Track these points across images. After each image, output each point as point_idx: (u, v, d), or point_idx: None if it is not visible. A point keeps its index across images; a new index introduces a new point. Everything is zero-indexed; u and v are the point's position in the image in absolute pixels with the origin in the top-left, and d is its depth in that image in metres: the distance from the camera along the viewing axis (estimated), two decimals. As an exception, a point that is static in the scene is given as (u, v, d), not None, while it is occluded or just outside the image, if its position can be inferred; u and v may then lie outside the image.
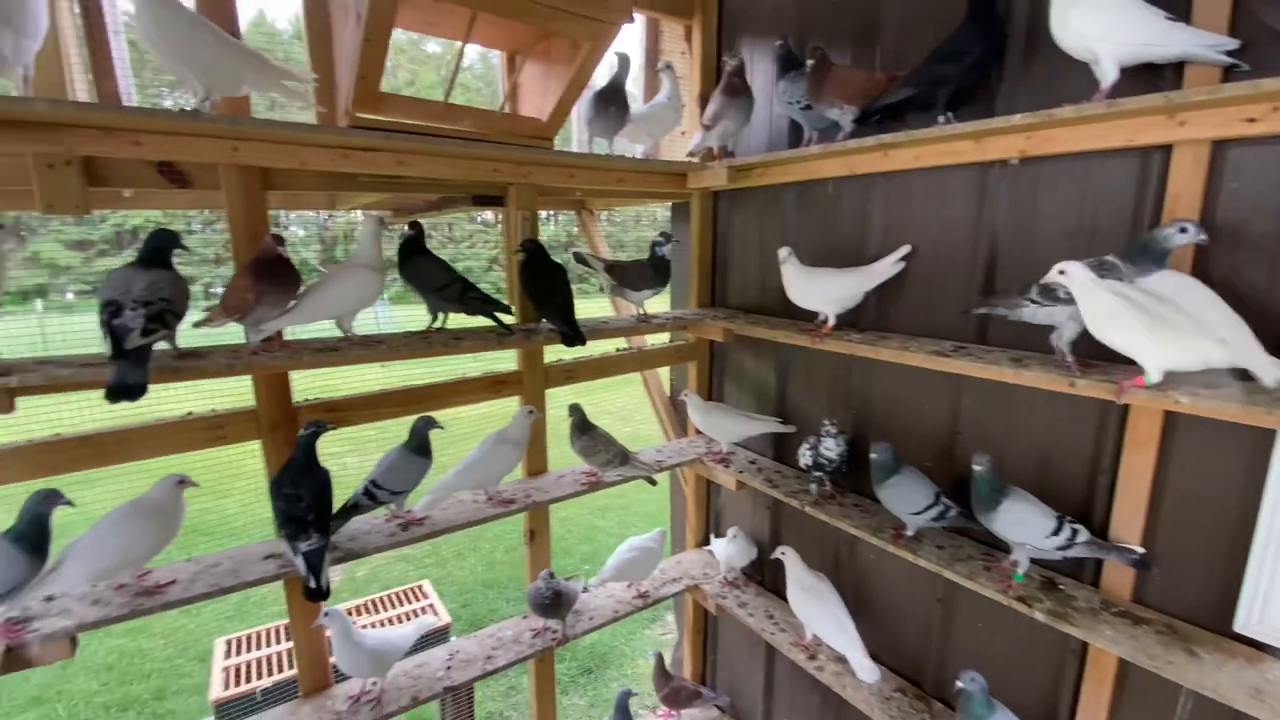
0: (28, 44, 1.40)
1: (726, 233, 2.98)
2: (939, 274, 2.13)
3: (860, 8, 2.29)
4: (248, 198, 1.89)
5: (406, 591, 4.61)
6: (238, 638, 3.93)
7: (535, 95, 2.11)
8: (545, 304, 2.28)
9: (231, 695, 3.41)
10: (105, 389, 1.48)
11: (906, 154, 2.05)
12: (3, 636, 1.60)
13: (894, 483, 2.03)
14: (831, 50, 2.36)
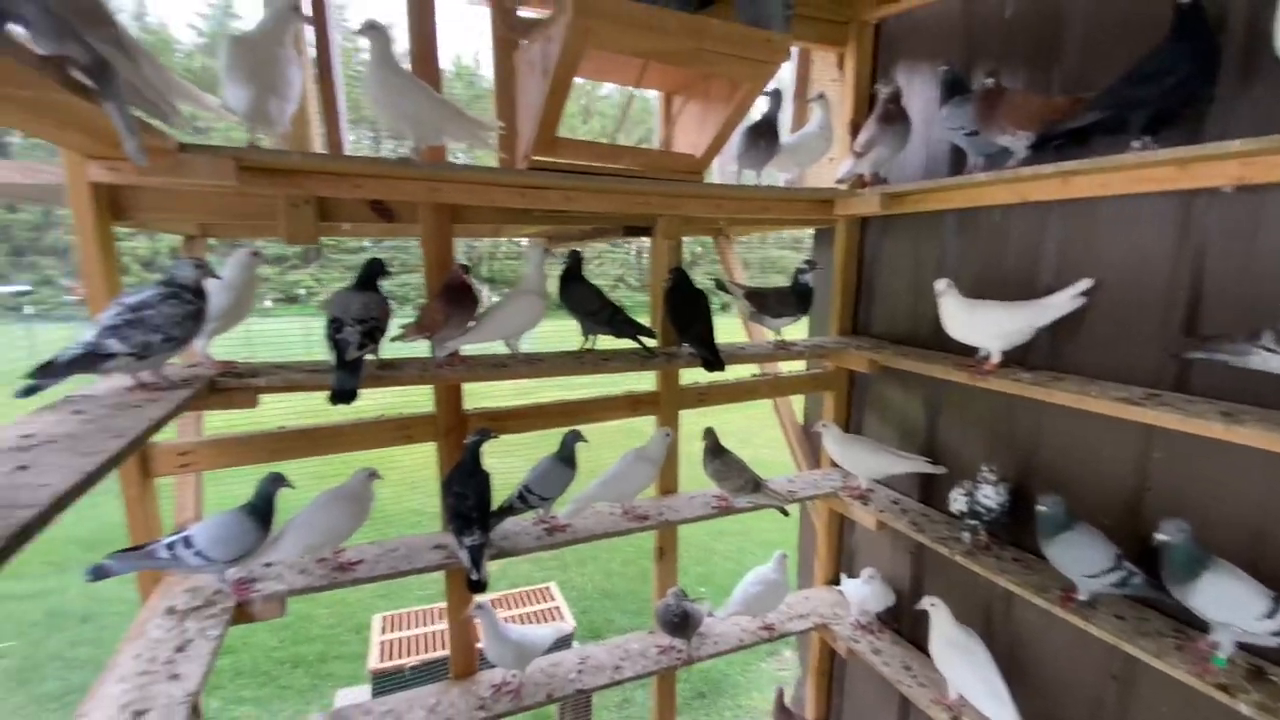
0: (288, 107, 1.72)
1: (874, 259, 2.90)
2: (1127, 311, 1.93)
3: (1038, 27, 2.16)
4: (440, 230, 2.17)
5: (534, 592, 4.87)
6: (394, 615, 4.38)
7: (691, 132, 2.22)
8: (688, 329, 2.36)
9: (385, 668, 3.80)
10: (330, 393, 1.77)
11: (1091, 181, 1.89)
12: (235, 593, 1.94)
13: (1066, 539, 1.85)
14: (1003, 73, 2.24)
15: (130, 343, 1.46)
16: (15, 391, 1.34)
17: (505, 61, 2.11)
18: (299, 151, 1.81)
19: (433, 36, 2.07)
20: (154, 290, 1.54)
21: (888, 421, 2.88)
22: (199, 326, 1.61)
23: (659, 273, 2.55)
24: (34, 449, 1.10)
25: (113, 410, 1.37)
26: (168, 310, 1.51)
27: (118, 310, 1.49)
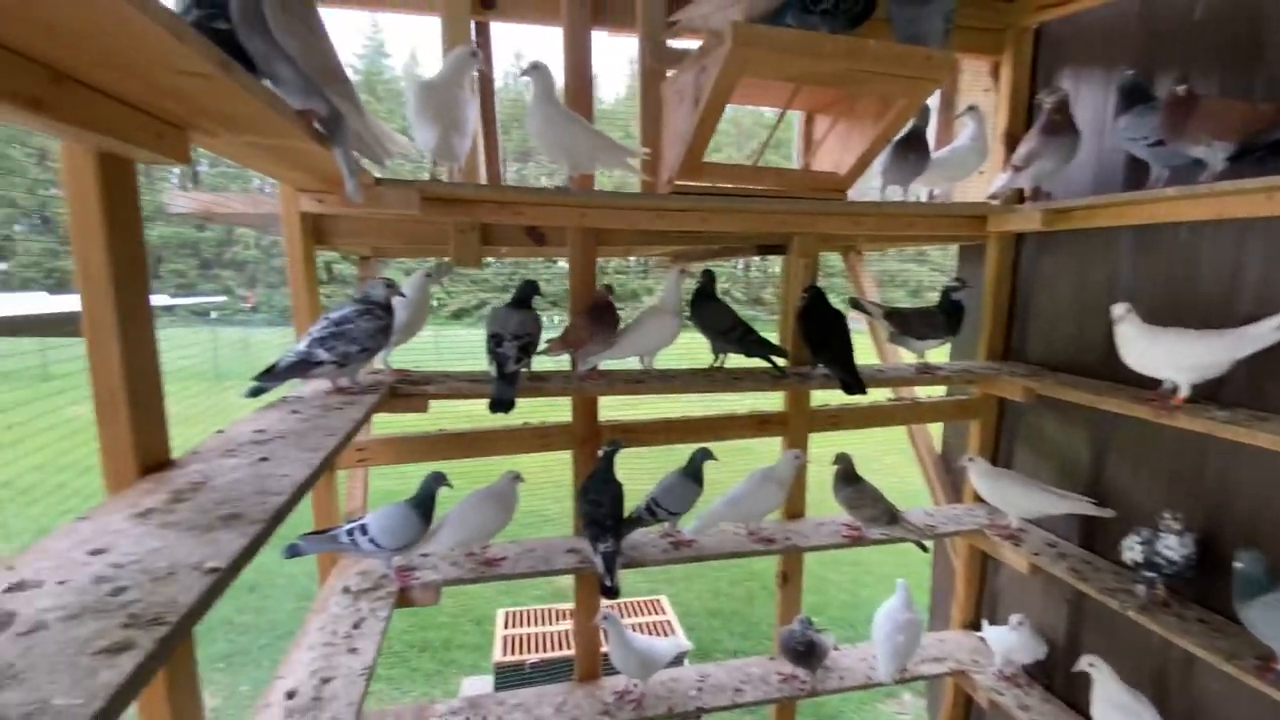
0: (466, 143, 1.91)
1: (1030, 279, 2.68)
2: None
3: (1234, 29, 1.92)
4: (585, 252, 2.30)
5: (646, 603, 4.92)
6: (516, 611, 4.62)
7: (834, 150, 2.19)
8: (824, 350, 2.31)
9: (508, 662, 4.01)
10: (489, 402, 1.93)
11: (1314, 194, 1.64)
12: (398, 579, 2.14)
13: (1267, 602, 1.61)
14: (1192, 78, 2.02)
15: (334, 352, 1.68)
16: (243, 392, 1.60)
17: (651, 91, 2.21)
18: (472, 184, 2.01)
19: (588, 70, 2.21)
20: (352, 307, 1.76)
21: (1044, 456, 2.64)
22: (387, 339, 1.82)
23: (791, 290, 2.52)
24: (269, 443, 1.30)
25: (321, 410, 1.59)
26: (364, 325, 1.73)
27: (324, 324, 1.72)
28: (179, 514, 0.93)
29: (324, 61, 1.16)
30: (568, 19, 2.15)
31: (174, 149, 1.07)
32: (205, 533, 0.86)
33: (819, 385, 2.37)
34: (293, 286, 2.14)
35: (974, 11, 2.48)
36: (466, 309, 22.31)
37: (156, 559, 0.78)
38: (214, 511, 0.93)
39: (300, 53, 1.11)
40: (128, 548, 0.81)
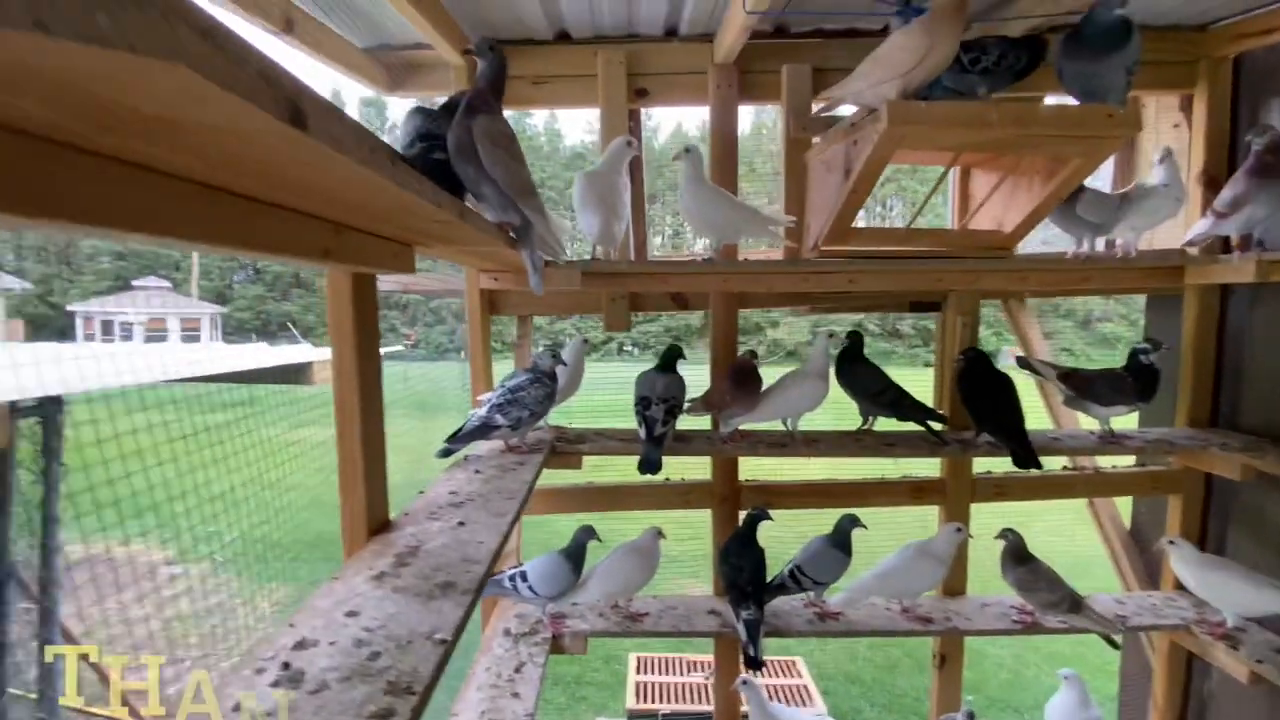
0: (623, 226, 2.07)
1: (1242, 335, 2.33)
2: None
3: None
4: (728, 314, 2.37)
5: (780, 663, 4.73)
6: (648, 657, 4.65)
7: (995, 206, 2.08)
8: (988, 418, 2.16)
9: (641, 709, 4.03)
10: (639, 462, 2.03)
11: None
12: (551, 627, 2.27)
13: None
14: None
15: (509, 418, 1.87)
16: (435, 452, 1.83)
17: (795, 158, 2.26)
18: (626, 261, 2.17)
19: (734, 145, 2.31)
20: (525, 376, 1.96)
21: (1267, 543, 2.24)
22: (552, 404, 2.00)
23: (947, 349, 2.40)
24: (463, 506, 1.48)
25: (499, 471, 1.77)
26: (535, 392, 1.91)
27: (501, 392, 1.93)
28: (404, 579, 1.09)
29: (520, 181, 1.34)
30: (715, 98, 2.27)
31: (404, 263, 1.29)
32: (429, 600, 1.01)
33: (983, 453, 2.21)
34: (472, 349, 2.42)
35: (1159, 44, 2.26)
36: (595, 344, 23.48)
37: (396, 625, 0.93)
38: (432, 578, 1.09)
39: (502, 177, 1.30)
40: (373, 611, 0.97)
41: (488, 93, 1.32)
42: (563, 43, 2.32)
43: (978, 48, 1.83)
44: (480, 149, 1.29)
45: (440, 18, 1.91)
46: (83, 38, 0.32)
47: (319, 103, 0.50)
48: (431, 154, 1.41)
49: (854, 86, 1.68)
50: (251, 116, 0.44)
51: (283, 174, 0.66)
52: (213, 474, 4.13)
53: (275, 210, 0.82)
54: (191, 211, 0.66)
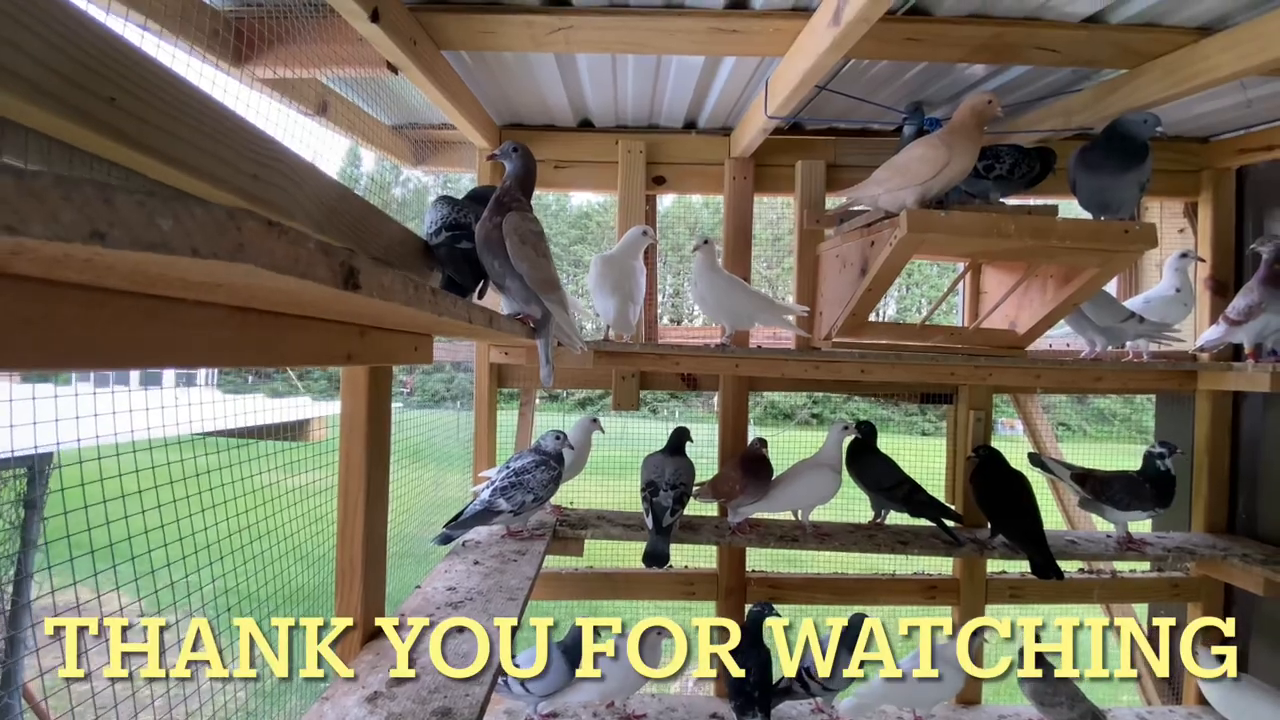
0: (638, 310, 2.07)
1: (1256, 441, 2.30)
2: None
3: None
4: (738, 397, 2.34)
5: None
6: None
7: (1010, 305, 2.09)
8: (1004, 521, 2.10)
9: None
10: (644, 555, 1.95)
11: None
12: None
13: None
14: None
15: (512, 501, 1.81)
16: (433, 539, 1.76)
17: (808, 249, 2.29)
18: (639, 343, 2.17)
19: (748, 234, 2.35)
20: (530, 458, 1.90)
21: (1299, 663, 2.14)
22: (557, 487, 1.93)
23: (960, 443, 2.36)
24: (461, 606, 1.40)
25: (500, 562, 1.70)
26: (540, 475, 1.85)
27: (505, 474, 1.87)
28: (399, 701, 1.01)
29: (545, 276, 1.34)
30: (730, 190, 2.32)
31: (424, 354, 1.27)
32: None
33: (999, 555, 2.14)
34: (477, 423, 2.38)
35: (1164, 154, 2.33)
36: (591, 399, 23.38)
37: (392, 766, 0.85)
38: (429, 703, 1.01)
39: (528, 273, 1.30)
40: (367, 745, 0.89)
41: (516, 190, 1.34)
42: (585, 130, 2.39)
43: (992, 155, 1.89)
44: (509, 245, 1.29)
45: (469, 105, 1.96)
46: (143, 245, 0.30)
47: (368, 264, 0.49)
48: (457, 243, 1.42)
49: (871, 191, 1.71)
50: (308, 288, 0.42)
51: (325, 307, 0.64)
52: (198, 522, 4.00)
53: (304, 322, 0.80)
54: (219, 339, 0.63)
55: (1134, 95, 1.65)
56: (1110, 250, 1.58)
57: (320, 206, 1.01)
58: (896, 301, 18.31)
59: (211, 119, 0.77)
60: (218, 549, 4.58)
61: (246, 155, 0.84)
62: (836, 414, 2.19)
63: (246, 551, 4.59)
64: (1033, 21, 1.51)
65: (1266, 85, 1.83)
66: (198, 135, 0.74)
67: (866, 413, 8.52)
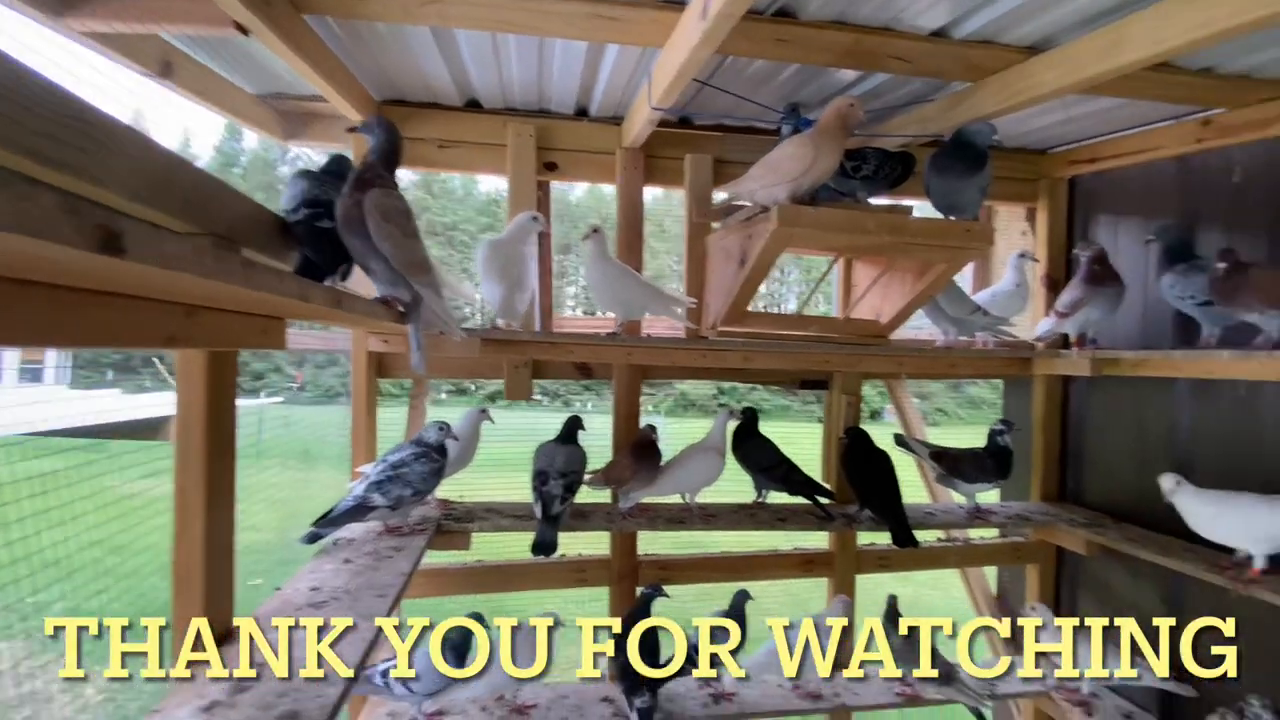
0: (528, 297, 2.05)
1: (1082, 418, 2.63)
2: None
3: (1278, 192, 1.97)
4: (631, 386, 2.37)
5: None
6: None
7: (875, 297, 2.26)
8: (870, 496, 2.27)
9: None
10: (532, 544, 1.94)
11: (1382, 368, 1.61)
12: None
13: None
14: (1233, 237, 2.05)
15: (389, 496, 1.73)
16: (300, 538, 1.65)
17: (696, 242, 2.35)
18: (530, 331, 2.14)
19: (639, 224, 2.37)
20: (409, 450, 1.83)
21: (1112, 609, 2.47)
22: (440, 480, 1.87)
23: (834, 426, 2.52)
24: (325, 605, 1.33)
25: (372, 560, 1.62)
26: (419, 468, 1.79)
27: (382, 467, 1.79)
28: (241, 709, 0.94)
29: (412, 258, 1.29)
30: (622, 179, 2.33)
31: (273, 338, 1.18)
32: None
33: (867, 528, 2.31)
34: (355, 417, 2.25)
35: (1008, 164, 2.60)
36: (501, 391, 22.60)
37: (221, 779, 0.79)
38: (274, 708, 0.95)
39: (393, 253, 1.24)
40: (194, 759, 0.83)
41: (380, 165, 1.27)
42: (472, 110, 2.31)
43: (859, 157, 2.02)
44: (371, 224, 1.23)
45: (340, 76, 1.84)
46: None
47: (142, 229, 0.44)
48: (318, 221, 1.33)
49: (748, 186, 1.78)
50: (50, 251, 0.38)
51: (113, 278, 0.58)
52: (45, 538, 3.50)
53: (109, 299, 0.72)
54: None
55: (977, 107, 1.82)
56: (955, 247, 1.75)
57: (141, 177, 0.91)
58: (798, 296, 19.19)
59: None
60: (66, 564, 4.03)
61: (36, 113, 0.75)
62: (742, 402, 2.29)
63: (97, 567, 4.08)
64: (888, 31, 1.62)
65: (1088, 103, 2.08)
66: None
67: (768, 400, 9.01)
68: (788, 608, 2.57)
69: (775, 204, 1.69)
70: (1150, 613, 2.31)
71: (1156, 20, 1.37)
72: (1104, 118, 2.23)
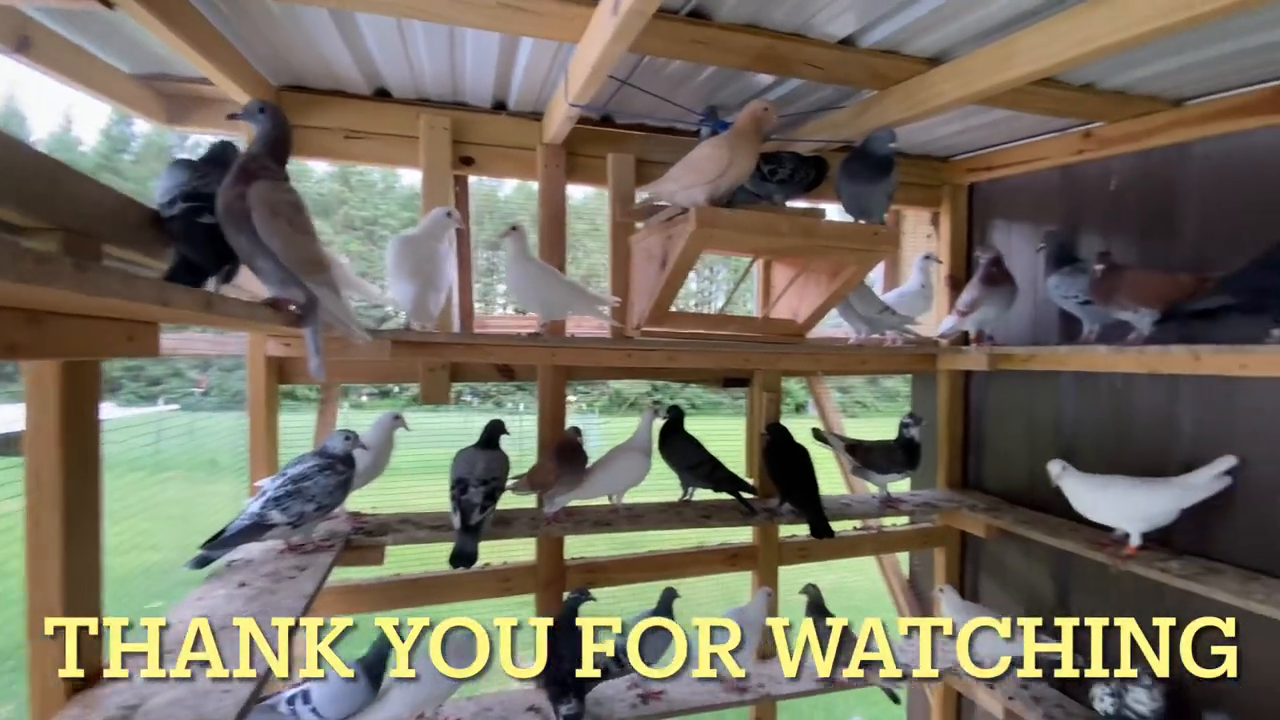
0: (442, 298, 1.96)
1: (981, 409, 2.81)
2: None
3: (1149, 201, 2.16)
4: (556, 387, 2.32)
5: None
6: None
7: (792, 297, 2.32)
8: (790, 489, 2.33)
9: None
10: (451, 555, 1.86)
11: (1228, 360, 1.80)
12: (342, 748, 1.95)
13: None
14: (1111, 242, 2.24)
15: (289, 513, 1.62)
16: (187, 564, 1.51)
17: (620, 242, 2.33)
18: (446, 334, 2.05)
19: (562, 222, 2.33)
20: (312, 462, 1.71)
21: (1010, 589, 2.66)
22: (347, 493, 1.77)
23: (755, 422, 2.57)
24: (215, 633, 1.22)
25: (271, 582, 1.50)
26: (323, 481, 1.68)
27: (281, 481, 1.66)
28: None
29: (304, 255, 1.19)
30: (543, 177, 2.28)
31: (146, 346, 1.06)
32: (132, 796, 0.78)
33: (788, 521, 2.38)
34: (253, 427, 2.09)
35: (914, 170, 2.74)
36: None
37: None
38: (145, 758, 0.85)
39: (282, 249, 1.15)
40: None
41: (265, 156, 1.17)
42: (383, 99, 2.20)
43: (776, 161, 2.06)
44: (257, 218, 1.13)
45: (227, 57, 1.69)
46: None
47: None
48: (197, 216, 1.21)
49: (668, 187, 1.78)
50: None
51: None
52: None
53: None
54: None
55: (883, 114, 1.90)
56: (864, 249, 1.82)
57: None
58: (725, 294, 19.54)
59: None
60: (-101, 601, 3.53)
61: None
62: (675, 400, 2.30)
63: (-50, 599, 3.62)
64: (799, 37, 1.66)
65: (984, 114, 2.22)
66: None
67: (700, 397, 9.15)
68: (720, 601, 2.61)
69: (694, 205, 1.69)
70: (1041, 589, 2.51)
71: (1043, 36, 1.47)
72: (998, 128, 2.39)
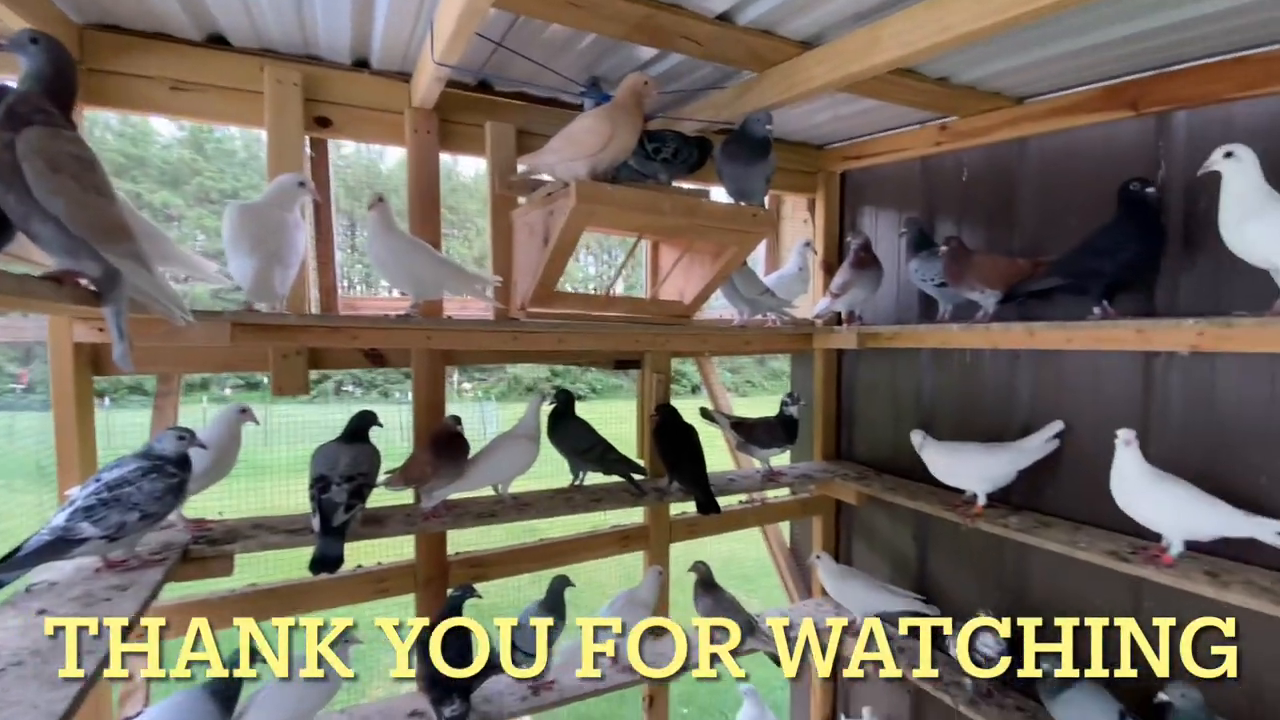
0: (291, 274, 1.75)
1: (852, 387, 2.98)
2: (1100, 457, 2.00)
3: (993, 192, 2.37)
4: (433, 373, 2.17)
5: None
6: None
7: (679, 278, 2.32)
8: (678, 468, 2.35)
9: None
10: (311, 561, 1.68)
11: (1056, 336, 2.01)
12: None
13: (1068, 699, 1.83)
14: (962, 229, 2.44)
15: (104, 525, 1.38)
16: (-30, 589, 1.25)
17: (501, 216, 2.21)
18: (297, 314, 1.83)
19: (434, 191, 2.16)
20: (134, 464, 1.47)
21: (877, 551, 2.86)
22: (181, 498, 1.54)
23: (646, 403, 2.57)
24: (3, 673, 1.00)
25: (82, 607, 1.27)
26: (148, 486, 1.45)
27: (94, 488, 1.41)
28: None
29: (99, 219, 0.99)
30: (413, 143, 2.10)
31: None
32: None
33: (678, 500, 2.40)
34: (59, 426, 1.77)
35: (792, 156, 2.83)
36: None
37: None
38: None
39: (67, 213, 0.94)
40: None
41: (41, 98, 0.96)
42: (218, 47, 1.91)
43: (659, 139, 2.03)
44: (29, 173, 0.92)
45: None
46: None
47: None
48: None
49: (547, 159, 1.70)
50: None
51: None
52: None
53: None
54: None
55: (761, 97, 1.93)
56: (743, 231, 1.84)
57: None
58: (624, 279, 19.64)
59: None
60: None
61: None
62: (575, 383, 2.23)
63: None
64: (677, 9, 1.62)
65: (854, 104, 2.32)
66: None
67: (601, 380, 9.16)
68: (621, 581, 2.59)
69: (575, 179, 1.62)
70: (904, 550, 2.72)
71: (908, 23, 1.53)
72: (868, 117, 2.51)
